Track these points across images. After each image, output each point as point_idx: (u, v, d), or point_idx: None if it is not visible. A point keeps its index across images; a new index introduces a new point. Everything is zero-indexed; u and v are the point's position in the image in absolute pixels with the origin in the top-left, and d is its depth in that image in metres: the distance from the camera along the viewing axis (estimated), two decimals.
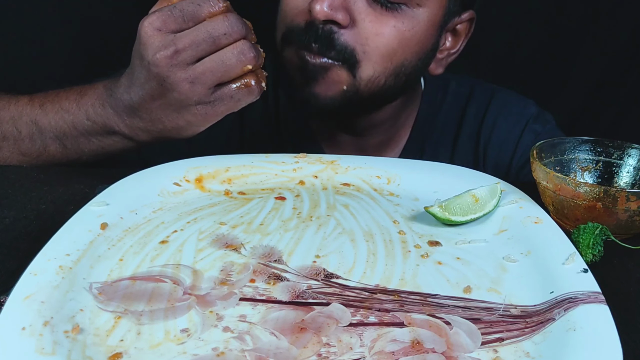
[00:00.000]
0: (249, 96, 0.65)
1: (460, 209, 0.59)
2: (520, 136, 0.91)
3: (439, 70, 0.86)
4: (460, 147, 0.93)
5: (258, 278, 0.49)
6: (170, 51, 0.61)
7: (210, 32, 0.62)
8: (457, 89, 0.95)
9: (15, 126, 0.73)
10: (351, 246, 0.55)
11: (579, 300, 0.46)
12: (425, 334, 0.43)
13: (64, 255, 0.49)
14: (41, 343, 0.39)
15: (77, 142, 0.72)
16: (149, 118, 0.67)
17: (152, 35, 0.61)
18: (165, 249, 0.53)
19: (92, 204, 0.57)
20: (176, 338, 0.42)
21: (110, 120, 0.69)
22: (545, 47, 1.24)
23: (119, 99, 0.67)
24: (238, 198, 0.64)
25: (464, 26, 0.85)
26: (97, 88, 0.71)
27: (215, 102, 0.64)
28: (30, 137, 0.73)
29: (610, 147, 0.67)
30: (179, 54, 0.61)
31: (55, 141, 0.73)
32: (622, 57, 1.24)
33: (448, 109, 0.93)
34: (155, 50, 0.61)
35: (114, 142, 0.71)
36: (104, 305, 0.45)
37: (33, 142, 0.73)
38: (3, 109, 0.74)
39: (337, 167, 0.70)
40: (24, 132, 0.73)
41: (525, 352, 0.42)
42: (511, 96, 0.95)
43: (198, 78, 0.62)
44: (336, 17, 0.72)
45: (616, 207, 0.57)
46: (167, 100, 0.64)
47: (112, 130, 0.70)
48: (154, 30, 0.61)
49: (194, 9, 0.62)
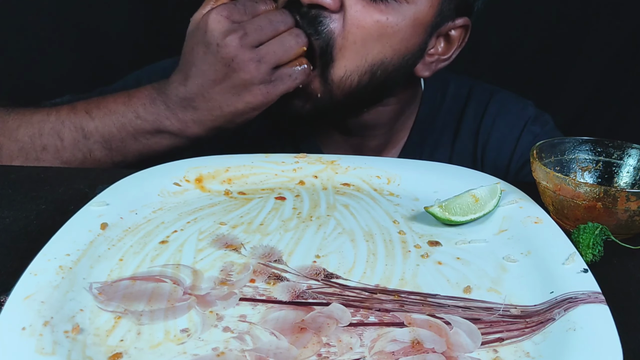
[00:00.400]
0: (303, 75, 0.72)
1: (460, 209, 0.59)
2: (519, 137, 0.90)
3: (426, 73, 0.84)
4: (459, 148, 0.92)
5: (258, 278, 0.49)
6: (240, 34, 0.68)
7: (271, 20, 0.71)
8: (456, 90, 0.94)
9: (59, 136, 0.75)
10: (351, 246, 0.55)
11: (579, 300, 0.46)
12: (425, 334, 0.43)
13: (64, 255, 0.49)
14: (41, 343, 0.39)
15: (124, 144, 0.75)
16: (205, 107, 0.72)
17: (221, 22, 0.69)
18: (165, 249, 0.53)
19: (92, 204, 0.57)
20: (176, 338, 0.42)
21: (161, 116, 0.73)
22: (545, 48, 1.24)
23: (172, 94, 0.72)
24: (238, 198, 0.64)
25: (458, 33, 0.83)
26: (145, 89, 0.75)
27: (276, 81, 0.71)
28: (74, 144, 0.75)
29: (610, 147, 0.67)
30: (247, 36, 0.69)
31: (101, 145, 0.75)
32: (622, 57, 1.24)
33: (447, 110, 0.93)
34: (226, 34, 0.68)
35: (161, 140, 0.75)
36: (104, 305, 0.45)
37: (77, 149, 0.75)
38: (43, 121, 0.76)
39: (337, 167, 0.70)
40: (67, 141, 0.75)
41: (525, 352, 0.42)
42: (510, 97, 0.94)
43: (263, 57, 0.69)
44: (324, 1, 0.71)
45: (616, 207, 0.57)
46: (231, 82, 0.70)
47: (162, 126, 0.74)
48: (223, 17, 0.69)
49: (253, 4, 0.71)
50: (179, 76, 0.73)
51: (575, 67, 1.26)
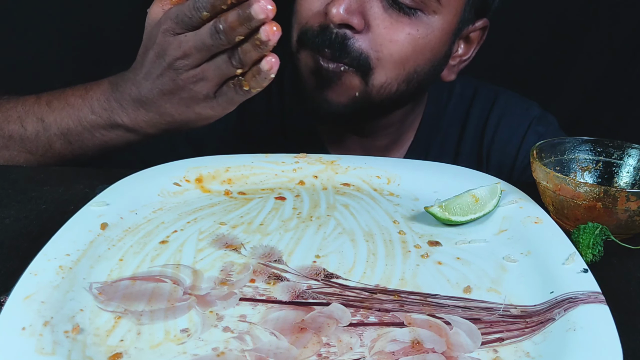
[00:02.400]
0: (246, 93, 0.66)
1: (460, 209, 0.59)
2: (523, 137, 0.91)
3: (451, 77, 0.86)
4: (464, 148, 0.93)
5: (258, 278, 0.49)
6: (189, 60, 0.64)
7: (218, 37, 0.64)
8: (462, 91, 0.95)
9: (22, 124, 0.74)
10: (351, 246, 0.55)
11: (579, 300, 0.46)
12: (425, 334, 0.43)
13: (64, 255, 0.49)
14: (41, 343, 0.39)
15: (81, 138, 0.74)
16: (157, 112, 0.69)
17: (175, 47, 0.64)
18: (165, 249, 0.53)
19: (92, 204, 0.57)
20: (176, 338, 0.42)
21: (115, 113, 0.71)
22: (546, 48, 1.24)
23: (125, 92, 0.70)
24: (238, 198, 0.64)
25: (477, 34, 0.85)
26: (102, 84, 0.73)
27: (220, 97, 0.67)
28: (36, 134, 0.74)
29: (610, 147, 0.67)
30: (192, 57, 0.64)
31: (60, 137, 0.74)
32: (622, 57, 1.24)
33: (452, 111, 0.94)
34: (177, 60, 0.64)
35: (117, 135, 0.73)
36: (104, 305, 0.45)
37: (38, 139, 0.74)
38: (11, 109, 0.76)
39: (337, 167, 0.70)
40: (29, 130, 0.74)
41: (525, 352, 0.42)
42: (514, 98, 0.95)
43: (206, 76, 0.65)
44: (352, 21, 0.72)
45: (616, 207, 0.57)
46: (178, 95, 0.67)
47: (115, 123, 0.72)
48: (176, 43, 0.64)
49: (196, 14, 0.63)
50: (132, 75, 0.70)
51: (575, 67, 1.25)
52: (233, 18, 0.59)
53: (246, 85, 0.64)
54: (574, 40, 1.23)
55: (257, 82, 0.63)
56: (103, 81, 0.74)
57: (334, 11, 0.71)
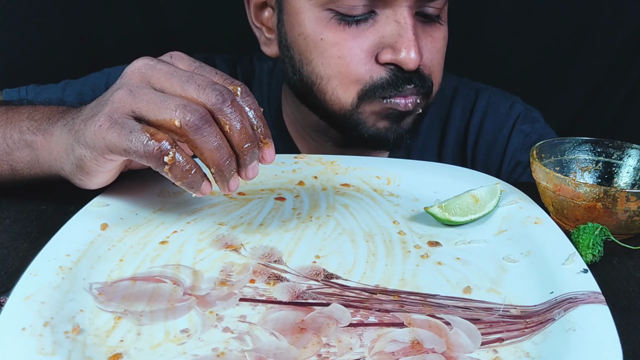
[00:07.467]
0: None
1: (460, 210, 0.59)
2: (508, 139, 0.89)
3: None
4: (447, 152, 0.91)
5: (258, 278, 0.49)
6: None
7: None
8: (440, 91, 0.93)
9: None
10: (351, 246, 0.55)
11: (579, 301, 0.46)
12: (425, 334, 0.43)
13: (64, 255, 0.49)
14: (41, 343, 0.39)
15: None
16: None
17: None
18: (165, 250, 0.53)
19: (92, 205, 0.57)
20: (176, 338, 0.42)
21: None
22: (546, 48, 1.24)
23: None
24: (238, 198, 0.64)
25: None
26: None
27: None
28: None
29: (610, 147, 0.67)
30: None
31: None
32: (622, 57, 1.24)
33: (432, 113, 0.91)
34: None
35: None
36: (104, 305, 0.45)
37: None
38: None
39: (337, 168, 0.70)
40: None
41: (525, 352, 0.42)
42: (496, 95, 0.92)
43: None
44: (422, 61, 0.73)
45: (616, 208, 0.57)
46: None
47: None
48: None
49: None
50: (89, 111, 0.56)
51: (575, 67, 1.25)
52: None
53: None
54: (574, 41, 1.23)
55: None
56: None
57: (412, 57, 0.70)
